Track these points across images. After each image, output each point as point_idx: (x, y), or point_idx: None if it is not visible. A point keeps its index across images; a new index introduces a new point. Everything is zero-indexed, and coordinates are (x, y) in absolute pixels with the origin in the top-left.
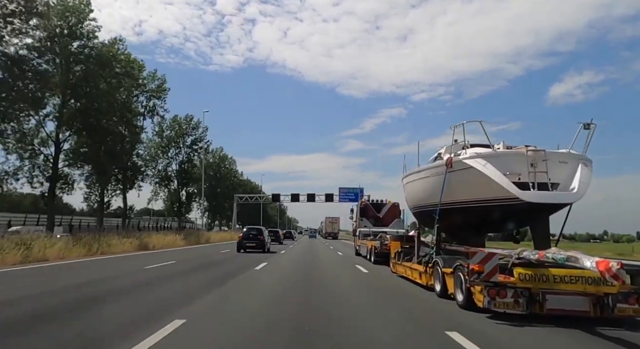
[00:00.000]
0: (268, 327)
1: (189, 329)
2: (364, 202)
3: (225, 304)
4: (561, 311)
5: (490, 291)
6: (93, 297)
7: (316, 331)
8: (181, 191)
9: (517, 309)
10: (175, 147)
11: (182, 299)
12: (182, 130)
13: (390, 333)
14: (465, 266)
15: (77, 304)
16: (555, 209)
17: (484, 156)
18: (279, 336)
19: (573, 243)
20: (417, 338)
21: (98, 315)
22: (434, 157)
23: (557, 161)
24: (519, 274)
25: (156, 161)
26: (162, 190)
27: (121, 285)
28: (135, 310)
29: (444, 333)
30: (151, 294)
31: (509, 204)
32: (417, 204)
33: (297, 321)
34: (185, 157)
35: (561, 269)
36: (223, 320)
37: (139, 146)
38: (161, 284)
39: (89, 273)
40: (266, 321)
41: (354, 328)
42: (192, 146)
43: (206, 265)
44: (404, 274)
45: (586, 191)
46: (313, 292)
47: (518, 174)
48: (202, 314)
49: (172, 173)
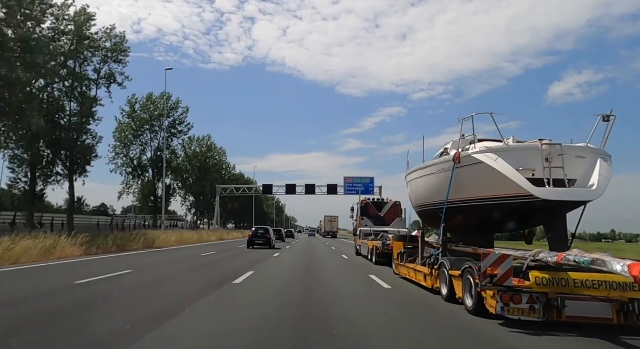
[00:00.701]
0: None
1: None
2: (365, 200)
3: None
4: (582, 319)
5: (504, 296)
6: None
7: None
8: (157, 184)
9: (533, 316)
10: (150, 131)
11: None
12: (159, 110)
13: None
14: (476, 268)
15: None
16: (573, 207)
17: (495, 151)
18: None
19: (586, 244)
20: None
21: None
22: (439, 153)
23: (573, 156)
24: (535, 278)
25: (128, 148)
26: (135, 182)
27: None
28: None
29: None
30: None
31: (523, 202)
32: (422, 202)
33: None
34: (162, 143)
35: (582, 273)
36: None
37: (95, 122)
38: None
39: None
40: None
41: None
42: (170, 130)
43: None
44: (407, 276)
45: (606, 188)
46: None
47: (532, 170)
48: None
49: (147, 162)
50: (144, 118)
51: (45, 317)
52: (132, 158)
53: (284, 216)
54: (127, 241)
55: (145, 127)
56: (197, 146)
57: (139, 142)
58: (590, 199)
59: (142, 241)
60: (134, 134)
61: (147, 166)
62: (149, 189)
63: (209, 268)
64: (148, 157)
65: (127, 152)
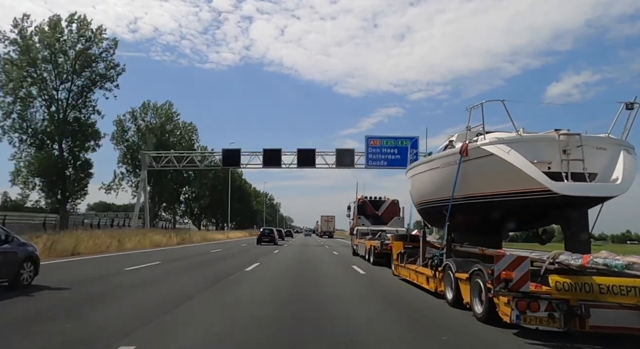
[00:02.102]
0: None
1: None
2: (362, 198)
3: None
4: (608, 328)
5: (520, 303)
6: None
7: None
8: (67, 158)
9: (553, 326)
10: (54, 74)
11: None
12: (64, 40)
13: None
14: (487, 272)
15: None
16: (594, 204)
17: (507, 142)
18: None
19: (610, 246)
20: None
21: None
22: (443, 146)
23: (594, 147)
24: (555, 282)
25: (14, 102)
26: (33, 155)
27: None
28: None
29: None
30: None
31: (539, 198)
32: (424, 199)
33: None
34: (74, 95)
35: (608, 277)
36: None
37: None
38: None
39: None
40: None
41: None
42: (83, 73)
43: None
44: (407, 278)
45: (632, 182)
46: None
47: (548, 163)
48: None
49: (46, 124)
50: (40, 52)
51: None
52: (19, 115)
53: (278, 215)
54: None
55: (42, 66)
56: (155, 116)
57: (30, 93)
58: (615, 195)
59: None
60: (21, 78)
61: (48, 129)
62: (52, 167)
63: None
64: (45, 116)
65: (12, 107)
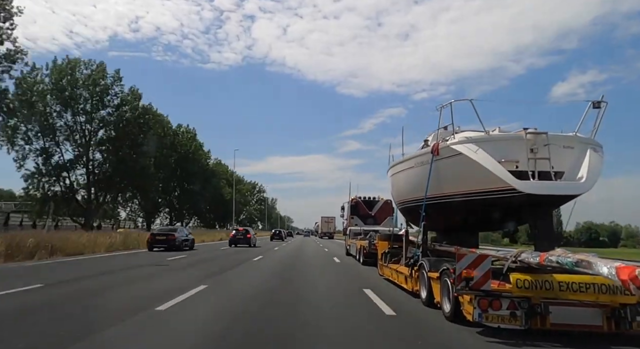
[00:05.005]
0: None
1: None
2: (355, 199)
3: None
4: (568, 326)
5: (482, 301)
6: None
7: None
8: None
9: (514, 324)
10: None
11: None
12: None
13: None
14: (450, 270)
15: None
16: (559, 203)
17: (476, 141)
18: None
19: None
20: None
21: None
22: (421, 145)
23: (561, 146)
24: (516, 280)
25: None
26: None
27: None
28: None
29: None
30: None
31: (505, 197)
32: (403, 198)
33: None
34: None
35: (568, 275)
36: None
37: None
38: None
39: None
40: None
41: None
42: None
43: None
44: (390, 278)
45: (596, 180)
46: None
47: (515, 162)
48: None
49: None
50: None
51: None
52: None
53: (277, 214)
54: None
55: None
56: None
57: None
58: (579, 193)
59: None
60: None
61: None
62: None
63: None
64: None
65: None
